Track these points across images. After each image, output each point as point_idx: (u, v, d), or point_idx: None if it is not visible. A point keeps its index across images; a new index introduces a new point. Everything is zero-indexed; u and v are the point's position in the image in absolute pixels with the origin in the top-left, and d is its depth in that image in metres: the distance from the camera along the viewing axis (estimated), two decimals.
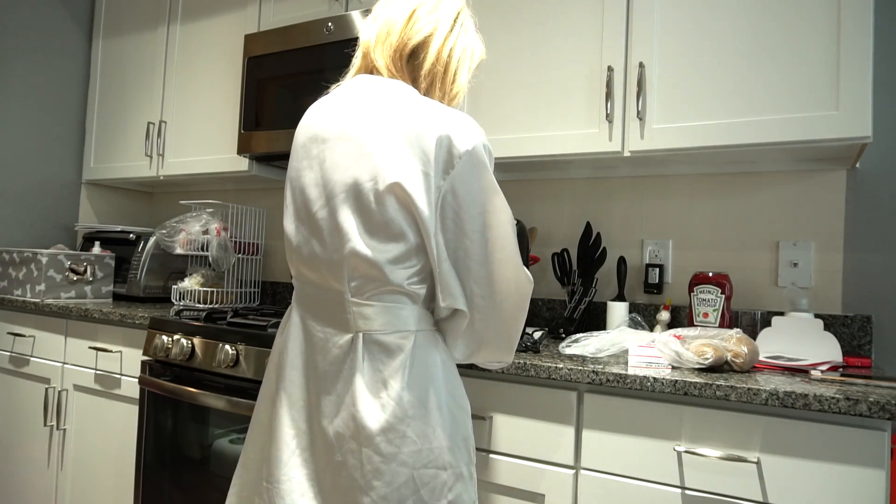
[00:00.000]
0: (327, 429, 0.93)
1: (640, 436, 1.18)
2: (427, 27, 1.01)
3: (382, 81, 1.00)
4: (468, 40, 1.07)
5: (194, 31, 2.38)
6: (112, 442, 1.94)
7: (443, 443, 0.92)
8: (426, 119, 0.91)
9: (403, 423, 0.90)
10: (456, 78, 1.04)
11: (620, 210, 1.86)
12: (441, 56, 1.02)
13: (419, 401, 0.91)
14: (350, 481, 0.89)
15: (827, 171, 1.61)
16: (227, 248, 2.24)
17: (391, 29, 1.01)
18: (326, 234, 0.95)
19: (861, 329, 1.54)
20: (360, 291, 0.94)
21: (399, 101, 0.95)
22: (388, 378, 0.91)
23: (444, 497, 0.91)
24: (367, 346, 0.93)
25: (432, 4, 1.03)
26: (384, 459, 0.88)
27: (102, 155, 2.64)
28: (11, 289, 2.29)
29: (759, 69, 1.41)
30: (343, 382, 0.93)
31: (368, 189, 0.91)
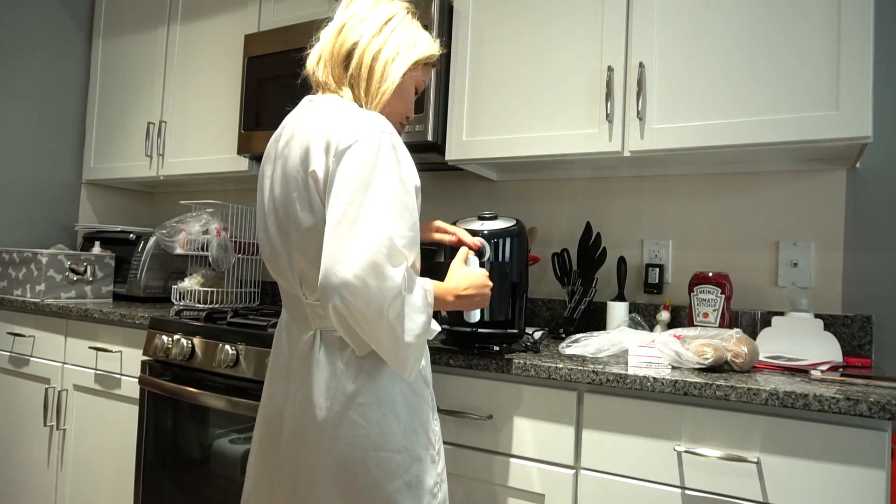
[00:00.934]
0: (292, 416, 1.02)
1: (640, 436, 1.18)
2: (353, 36, 1.08)
3: (319, 99, 1.09)
4: (399, 39, 1.10)
5: (194, 31, 2.38)
6: (112, 442, 1.94)
7: (394, 428, 1.00)
8: (333, 125, 0.98)
9: (351, 409, 0.98)
10: (383, 77, 1.08)
11: (620, 210, 1.86)
12: (364, 59, 1.08)
13: (367, 389, 0.99)
14: (306, 462, 0.98)
15: (827, 171, 1.61)
16: (227, 248, 2.24)
17: (324, 46, 1.10)
18: (277, 243, 1.06)
19: (861, 329, 1.54)
20: (311, 293, 1.03)
21: (318, 114, 1.03)
22: (342, 369, 1.00)
23: (399, 478, 0.98)
24: (324, 340, 1.02)
25: (361, 16, 1.10)
26: (330, 441, 0.97)
27: (102, 155, 2.64)
28: (11, 289, 2.29)
29: (759, 69, 1.41)
30: (305, 374, 1.02)
31: (294, 195, 1.01)
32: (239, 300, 2.33)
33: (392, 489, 0.97)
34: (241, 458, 1.57)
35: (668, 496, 1.15)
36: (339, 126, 0.98)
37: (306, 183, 0.99)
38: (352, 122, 0.98)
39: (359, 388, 0.98)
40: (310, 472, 0.98)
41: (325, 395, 0.99)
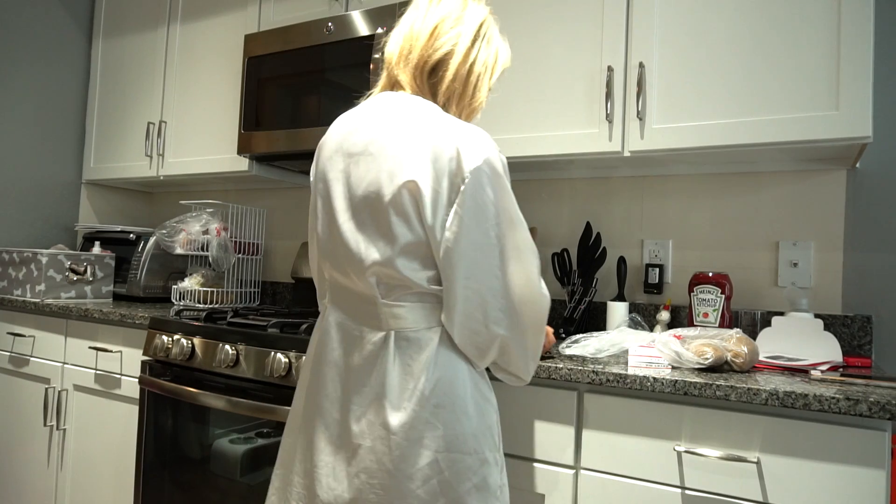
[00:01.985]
0: (360, 418, 0.99)
1: (640, 436, 1.18)
2: (447, 44, 1.03)
3: (404, 98, 1.04)
4: (489, 52, 1.08)
5: (194, 31, 2.38)
6: (112, 442, 1.94)
7: (466, 430, 0.98)
8: (439, 135, 0.95)
9: (428, 410, 0.96)
10: (475, 93, 1.07)
11: (620, 210, 1.86)
12: (459, 73, 1.04)
13: (444, 391, 0.97)
14: (379, 464, 0.96)
15: (827, 171, 1.61)
16: (227, 248, 2.24)
17: (413, 45, 1.04)
18: (352, 245, 1.01)
19: (861, 329, 1.54)
20: (388, 295, 0.99)
21: (417, 118, 0.99)
22: (417, 370, 0.97)
23: (469, 480, 0.97)
24: (398, 342, 0.99)
25: (455, 17, 1.05)
26: (411, 445, 0.95)
27: (102, 155, 2.64)
28: (11, 289, 2.29)
29: (759, 69, 1.41)
30: (375, 375, 0.99)
31: (387, 201, 0.96)
32: (239, 300, 2.33)
33: (462, 491, 0.97)
34: (241, 458, 1.57)
35: (668, 496, 1.15)
36: (452, 139, 0.95)
37: (400, 193, 0.94)
38: (468, 138, 0.95)
39: (435, 389, 0.97)
40: (384, 475, 0.96)
41: (401, 396, 0.97)
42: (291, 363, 1.48)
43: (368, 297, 1.01)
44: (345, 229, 1.02)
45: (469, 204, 0.94)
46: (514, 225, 0.99)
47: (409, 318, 0.99)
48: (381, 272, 0.98)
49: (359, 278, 1.01)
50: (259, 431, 1.56)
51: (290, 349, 1.50)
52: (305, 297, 2.28)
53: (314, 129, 1.93)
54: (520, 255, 0.99)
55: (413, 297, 0.99)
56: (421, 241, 0.96)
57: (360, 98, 1.12)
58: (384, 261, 0.97)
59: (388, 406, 0.96)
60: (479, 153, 0.95)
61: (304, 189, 2.49)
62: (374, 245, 0.98)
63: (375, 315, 1.01)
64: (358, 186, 1.00)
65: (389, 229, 0.96)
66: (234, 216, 2.39)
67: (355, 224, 1.01)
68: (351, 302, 1.05)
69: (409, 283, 0.98)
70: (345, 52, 1.88)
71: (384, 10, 1.81)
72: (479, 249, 0.96)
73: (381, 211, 0.97)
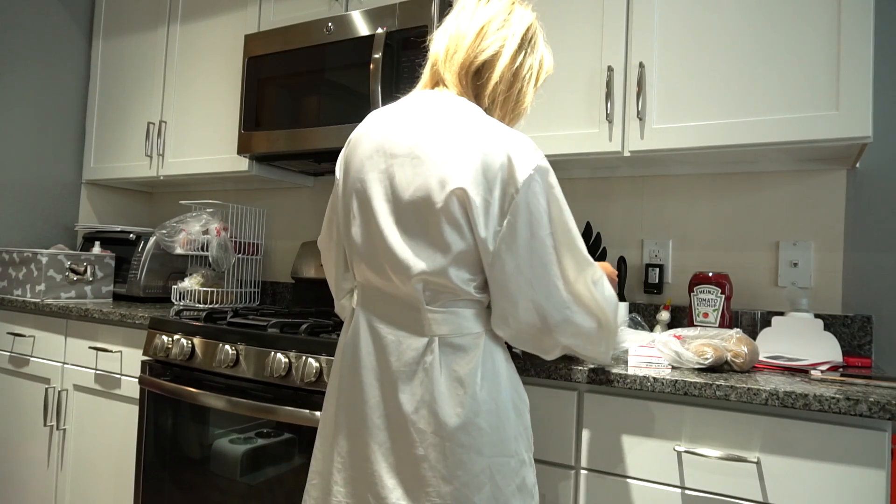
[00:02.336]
0: (407, 426, 0.97)
1: (640, 436, 1.18)
2: (494, 45, 1.02)
3: (449, 98, 1.02)
4: (535, 58, 1.08)
5: (194, 31, 2.38)
6: (112, 442, 1.94)
7: (510, 433, 0.99)
8: (488, 142, 0.94)
9: (479, 416, 0.96)
10: (519, 97, 1.06)
11: (620, 210, 1.86)
12: (505, 76, 1.03)
13: (490, 396, 0.98)
14: (433, 472, 0.95)
15: (827, 171, 1.61)
16: (227, 248, 2.24)
17: (459, 44, 1.02)
18: (397, 250, 0.98)
19: (861, 329, 1.54)
20: (433, 301, 0.98)
21: (464, 121, 0.97)
22: (464, 377, 0.97)
23: (513, 482, 0.98)
24: (443, 348, 0.98)
25: (502, 19, 1.03)
26: (465, 451, 0.95)
27: (102, 155, 2.64)
28: (11, 289, 2.29)
29: (759, 69, 1.41)
30: (420, 382, 0.98)
31: (438, 208, 0.94)
32: (239, 300, 2.33)
33: (508, 493, 0.97)
34: (241, 458, 1.57)
35: (668, 496, 1.15)
36: (502, 146, 0.94)
37: (451, 201, 0.93)
38: (518, 146, 0.95)
39: (483, 395, 0.97)
40: (440, 482, 0.95)
41: (452, 403, 0.96)
42: (291, 363, 1.48)
43: (412, 303, 0.99)
44: (388, 233, 0.99)
45: (523, 214, 0.93)
46: (569, 233, 0.98)
47: (454, 325, 0.99)
48: (430, 280, 0.96)
49: (403, 284, 0.99)
50: (259, 431, 1.56)
51: (290, 349, 1.50)
52: (305, 297, 2.28)
53: (314, 129, 1.93)
54: (577, 263, 0.99)
55: (459, 304, 0.99)
56: (471, 250, 0.95)
57: (399, 95, 1.10)
58: (435, 270, 0.95)
59: (441, 413, 0.95)
60: (530, 162, 0.94)
61: (305, 189, 2.49)
62: (423, 253, 0.96)
63: (418, 321, 0.99)
64: (404, 191, 0.98)
65: (441, 238, 0.95)
66: (234, 216, 2.39)
67: (401, 229, 0.98)
68: (388, 306, 1.03)
69: (457, 291, 0.97)
70: (345, 52, 1.88)
71: (384, 10, 1.81)
72: (535, 260, 0.96)
73: (432, 218, 0.95)
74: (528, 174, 0.93)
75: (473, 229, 0.94)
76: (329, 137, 1.89)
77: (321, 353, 1.45)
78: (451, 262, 0.95)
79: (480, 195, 0.92)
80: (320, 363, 1.44)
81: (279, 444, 1.51)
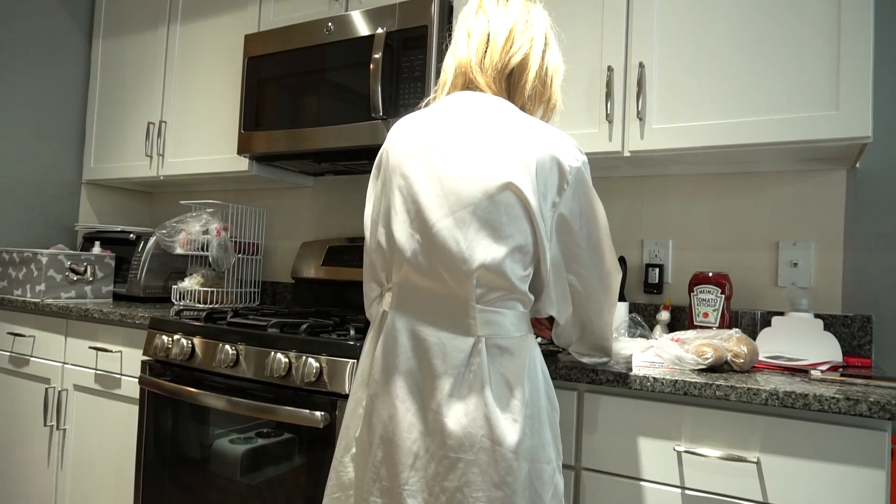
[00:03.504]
0: (456, 429, 0.95)
1: (640, 436, 1.18)
2: (524, 46, 1.05)
3: (487, 98, 1.04)
4: (557, 54, 1.12)
5: (194, 31, 2.38)
6: (112, 442, 1.94)
7: (548, 439, 1.00)
8: (535, 138, 0.98)
9: (526, 423, 0.96)
10: (551, 94, 1.10)
11: (620, 210, 1.86)
12: (540, 74, 1.08)
13: (532, 401, 0.99)
14: (484, 476, 0.94)
15: (827, 171, 1.61)
16: (227, 248, 2.24)
17: (492, 47, 1.05)
18: (452, 244, 0.97)
19: (861, 329, 1.54)
20: (484, 299, 0.98)
21: (508, 118, 1.01)
22: (514, 381, 0.97)
23: (549, 489, 0.99)
24: (489, 349, 0.98)
25: (525, 20, 1.07)
26: (515, 456, 0.94)
27: (102, 155, 2.64)
28: (11, 289, 2.29)
29: (759, 69, 1.41)
30: (467, 385, 0.96)
31: (493, 200, 0.96)
32: (239, 300, 2.33)
33: (547, 499, 0.98)
34: (241, 458, 1.57)
35: (668, 496, 1.15)
36: (548, 143, 0.98)
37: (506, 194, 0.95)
38: (563, 142, 1.01)
39: (529, 401, 0.97)
40: (491, 487, 0.94)
41: (503, 407, 0.95)
42: (291, 363, 1.48)
43: (459, 302, 0.98)
44: (441, 227, 0.97)
45: (573, 207, 1.00)
46: (603, 222, 1.07)
47: (500, 326, 0.98)
48: (485, 275, 0.96)
49: (454, 279, 0.97)
50: (259, 431, 1.56)
51: (290, 349, 1.50)
52: (305, 297, 2.28)
53: (314, 129, 1.93)
54: (605, 247, 1.08)
55: (508, 303, 0.99)
56: (528, 243, 0.97)
57: (423, 102, 1.13)
58: (493, 262, 0.95)
59: (493, 418, 0.94)
60: (576, 157, 1.00)
61: (305, 189, 2.49)
62: (480, 246, 0.96)
63: (464, 321, 0.98)
64: (457, 185, 0.97)
65: (499, 231, 0.96)
66: (234, 216, 2.39)
67: (454, 222, 0.97)
68: (432, 307, 1.00)
69: (509, 286, 0.97)
70: (345, 52, 1.88)
71: (384, 10, 1.81)
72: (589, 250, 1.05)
73: (491, 210, 0.96)
74: (576, 168, 1.00)
75: (532, 221, 0.96)
76: (329, 137, 1.89)
77: (321, 353, 1.45)
78: (507, 255, 0.96)
79: (532, 189, 0.96)
80: (320, 363, 1.44)
81: (279, 444, 1.51)
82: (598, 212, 1.05)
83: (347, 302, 2.16)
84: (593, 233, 1.05)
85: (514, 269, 0.97)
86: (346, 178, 2.38)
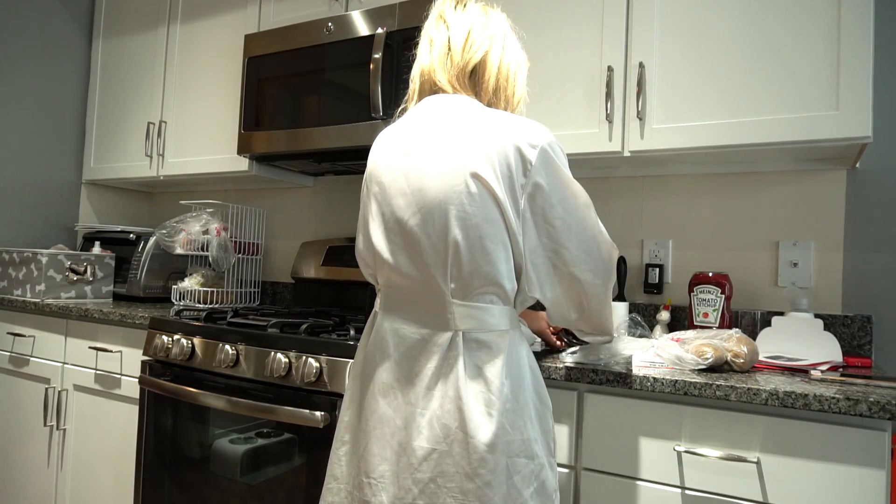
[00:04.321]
0: (432, 421, 0.98)
1: (640, 436, 1.18)
2: (484, 44, 1.08)
3: (452, 98, 1.07)
4: (517, 51, 1.15)
5: (194, 31, 2.38)
6: (112, 442, 1.94)
7: (531, 434, 1.00)
8: (497, 127, 1.00)
9: (502, 415, 0.97)
10: (515, 88, 1.12)
11: (620, 210, 1.86)
12: (501, 69, 1.10)
13: (512, 395, 0.99)
14: (457, 468, 0.96)
15: (827, 171, 1.61)
16: (227, 248, 2.24)
17: (453, 50, 1.08)
18: (423, 241, 1.00)
19: (861, 329, 1.54)
20: (459, 293, 1.00)
21: (470, 113, 1.03)
22: (488, 374, 0.98)
23: (532, 484, 0.99)
24: (467, 343, 1.00)
25: (482, 23, 1.10)
26: (489, 449, 0.95)
27: (102, 155, 2.64)
28: (11, 289, 2.29)
29: (759, 69, 1.41)
30: (444, 378, 0.99)
31: (459, 190, 0.98)
32: (239, 300, 2.33)
33: (527, 495, 0.98)
34: (241, 459, 1.57)
35: (668, 496, 1.15)
36: (511, 129, 0.99)
37: (469, 184, 0.97)
38: (525, 125, 1.01)
39: (508, 396, 0.98)
40: (463, 478, 0.95)
41: (477, 401, 0.97)
42: (291, 363, 1.48)
43: (435, 297, 1.01)
44: (412, 224, 1.01)
45: (542, 185, 0.99)
46: (583, 199, 1.05)
47: (480, 320, 1.00)
48: (458, 265, 0.99)
49: (430, 275, 1.01)
50: (259, 431, 1.56)
51: (290, 349, 1.50)
52: (305, 297, 2.28)
53: (314, 129, 1.93)
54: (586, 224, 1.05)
55: (485, 297, 1.00)
56: (499, 230, 0.98)
57: (396, 114, 1.16)
58: (463, 251, 0.98)
59: (466, 410, 0.96)
60: (539, 138, 1.00)
61: (305, 189, 2.49)
62: (450, 236, 0.98)
63: (443, 316, 1.01)
64: (421, 180, 1.01)
65: (465, 222, 0.97)
66: (234, 216, 2.39)
67: (423, 219, 1.00)
68: (413, 305, 1.04)
69: (484, 277, 0.99)
70: (345, 52, 1.88)
71: (384, 10, 1.81)
72: (567, 227, 1.02)
73: (457, 203, 0.98)
74: (540, 147, 0.99)
75: (500, 208, 0.97)
76: (329, 137, 1.89)
77: (321, 353, 1.45)
78: (479, 241, 0.98)
79: (496, 175, 0.97)
80: (320, 363, 1.44)
81: (279, 444, 1.51)
82: (573, 188, 1.03)
83: (347, 302, 2.16)
84: (571, 210, 1.03)
85: (483, 255, 0.98)
86: (346, 178, 2.38)
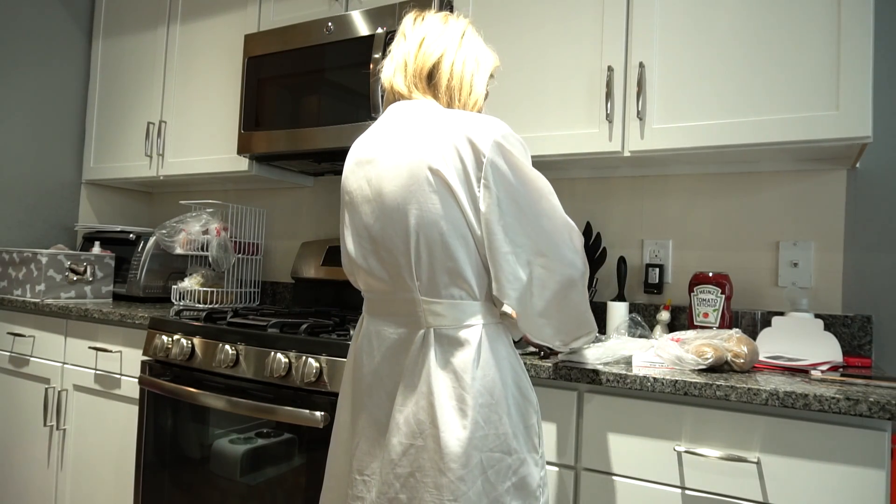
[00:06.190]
0: (409, 417, 1.01)
1: (640, 436, 1.18)
2: (437, 50, 1.11)
3: (412, 103, 1.10)
4: (477, 52, 1.15)
5: (194, 31, 2.38)
6: (112, 442, 1.94)
7: (507, 430, 1.00)
8: (450, 124, 1.02)
9: (475, 410, 0.98)
10: (472, 89, 1.13)
11: (620, 210, 1.86)
12: (455, 71, 1.11)
13: (486, 390, 1.00)
14: (432, 463, 0.98)
15: (827, 171, 1.61)
16: (227, 248, 2.24)
17: (407, 59, 1.12)
18: (389, 244, 1.04)
19: (861, 329, 1.54)
20: (427, 290, 1.02)
21: (428, 114, 1.05)
22: (459, 369, 1.00)
23: (509, 479, 1.00)
24: (438, 339, 1.02)
25: (438, 31, 1.12)
26: (461, 443, 0.97)
27: (102, 155, 2.64)
28: (11, 289, 2.29)
29: (759, 69, 1.41)
30: (418, 375, 1.02)
31: (415, 189, 1.00)
32: (239, 300, 2.33)
33: (502, 490, 0.99)
34: (241, 459, 1.57)
35: (668, 496, 1.15)
36: (463, 124, 1.00)
37: (426, 182, 0.99)
38: (477, 119, 1.01)
39: (480, 390, 0.99)
40: (437, 473, 0.97)
41: (447, 393, 0.99)
42: (291, 363, 1.48)
43: (406, 296, 1.04)
44: (376, 228, 1.05)
45: (498, 177, 0.99)
46: (545, 189, 1.03)
47: (448, 317, 1.01)
48: (421, 261, 1.00)
49: (399, 275, 1.03)
50: (259, 431, 1.56)
51: (290, 349, 1.50)
52: (305, 297, 2.28)
53: (314, 129, 1.93)
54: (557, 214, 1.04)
55: (453, 292, 1.02)
56: (459, 225, 0.99)
57: (368, 124, 1.19)
58: (423, 248, 0.99)
59: (437, 405, 0.98)
60: (494, 132, 1.00)
61: (304, 189, 2.49)
62: (410, 234, 1.00)
63: (414, 314, 1.03)
64: (380, 183, 1.04)
65: (426, 217, 0.99)
66: (234, 216, 2.39)
67: (387, 221, 1.03)
68: (387, 306, 1.08)
69: (449, 270, 1.00)
70: (345, 51, 1.88)
71: (384, 10, 1.81)
72: (527, 219, 1.01)
73: (413, 202, 1.00)
74: (493, 140, 0.99)
75: (457, 201, 0.98)
76: (329, 137, 1.89)
77: (321, 353, 1.45)
78: (441, 236, 0.99)
79: (452, 170, 0.98)
80: (320, 363, 1.44)
81: (279, 445, 1.51)
82: (530, 175, 1.02)
83: (347, 302, 2.16)
84: (531, 200, 1.02)
85: (444, 250, 0.99)
86: None
